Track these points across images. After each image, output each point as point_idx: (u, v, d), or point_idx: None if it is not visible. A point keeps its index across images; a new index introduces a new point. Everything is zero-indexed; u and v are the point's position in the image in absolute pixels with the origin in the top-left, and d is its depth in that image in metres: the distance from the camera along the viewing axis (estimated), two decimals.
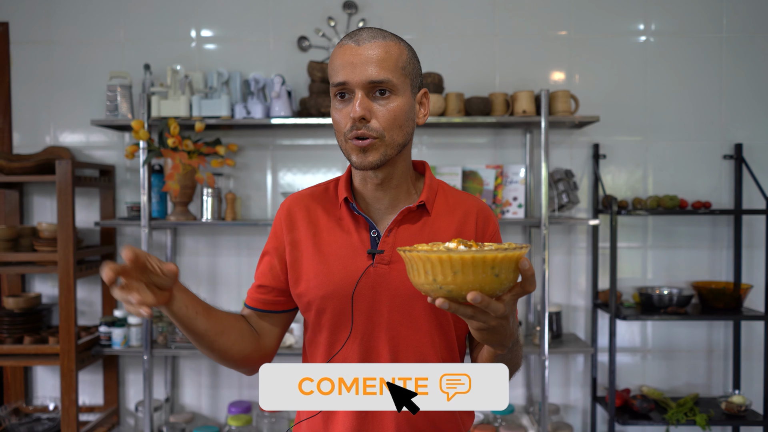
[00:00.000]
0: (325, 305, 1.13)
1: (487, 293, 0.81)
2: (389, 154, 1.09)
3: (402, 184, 1.16)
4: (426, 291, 0.85)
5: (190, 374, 2.85)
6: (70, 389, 2.46)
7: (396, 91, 1.07)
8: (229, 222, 2.59)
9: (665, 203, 2.63)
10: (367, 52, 1.06)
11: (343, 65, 1.06)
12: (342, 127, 1.08)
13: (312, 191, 1.23)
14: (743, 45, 2.77)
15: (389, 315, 1.11)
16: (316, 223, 1.18)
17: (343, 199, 1.16)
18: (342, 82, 1.06)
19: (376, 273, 1.12)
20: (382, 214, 1.17)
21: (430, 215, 1.16)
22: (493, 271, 0.81)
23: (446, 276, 0.81)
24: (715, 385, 2.82)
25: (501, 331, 0.88)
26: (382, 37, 1.08)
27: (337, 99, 1.09)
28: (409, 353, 1.12)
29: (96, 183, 2.66)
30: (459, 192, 1.23)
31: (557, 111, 2.55)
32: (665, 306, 2.59)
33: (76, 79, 2.81)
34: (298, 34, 2.78)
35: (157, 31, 2.80)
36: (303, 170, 2.82)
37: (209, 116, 2.55)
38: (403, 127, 1.09)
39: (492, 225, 1.20)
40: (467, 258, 0.80)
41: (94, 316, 2.86)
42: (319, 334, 1.16)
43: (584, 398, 2.84)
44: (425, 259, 0.82)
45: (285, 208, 1.21)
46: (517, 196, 2.66)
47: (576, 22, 2.79)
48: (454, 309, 0.83)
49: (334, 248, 1.14)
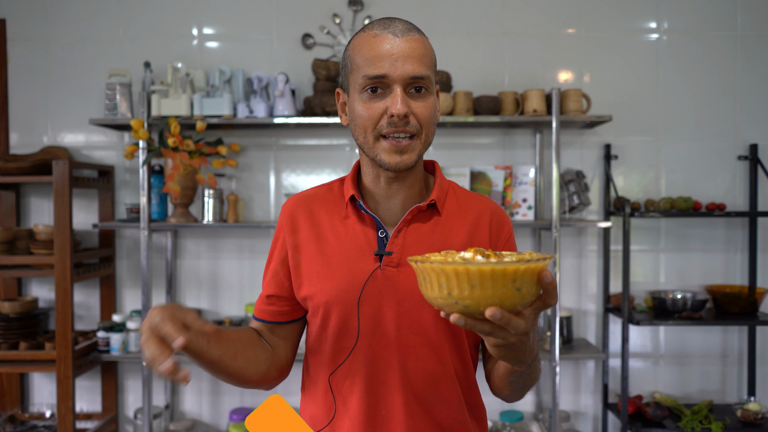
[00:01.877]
0: (330, 310, 1.06)
1: (507, 309, 0.75)
2: (422, 153, 1.05)
3: (416, 184, 1.10)
4: (439, 305, 0.78)
5: (191, 381, 2.77)
6: (66, 396, 2.39)
7: (430, 88, 1.03)
8: (231, 224, 2.52)
9: (679, 205, 2.56)
10: (407, 45, 1.00)
11: (381, 57, 0.99)
12: (371, 123, 1.01)
13: (315, 191, 1.16)
14: (758, 43, 2.71)
15: (398, 322, 1.04)
16: (318, 223, 1.11)
17: (350, 197, 1.09)
18: (381, 75, 0.99)
19: (384, 276, 1.04)
20: (391, 214, 1.10)
21: (441, 215, 1.09)
22: (514, 284, 0.74)
23: (463, 290, 0.74)
24: (729, 392, 2.75)
25: (520, 348, 0.81)
26: (417, 30, 1.03)
27: (366, 93, 1.01)
28: (419, 365, 1.05)
29: (94, 184, 2.59)
30: (470, 193, 1.16)
31: (568, 110, 2.49)
32: (679, 311, 2.52)
33: (75, 78, 2.74)
34: (302, 32, 2.71)
35: (158, 29, 2.74)
36: (307, 171, 2.75)
37: (211, 115, 2.48)
38: (434, 124, 1.05)
39: (506, 228, 1.14)
40: (486, 270, 0.72)
41: (92, 320, 2.78)
42: (323, 342, 1.09)
43: (595, 405, 2.77)
44: (439, 271, 0.75)
45: (286, 210, 1.15)
46: (527, 198, 2.59)
47: (586, 20, 2.73)
48: (471, 325, 0.76)
49: (338, 249, 1.07)
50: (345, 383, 1.06)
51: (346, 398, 1.06)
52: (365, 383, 1.05)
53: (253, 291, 2.75)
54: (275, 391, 2.71)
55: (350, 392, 1.05)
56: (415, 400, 1.05)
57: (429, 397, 1.05)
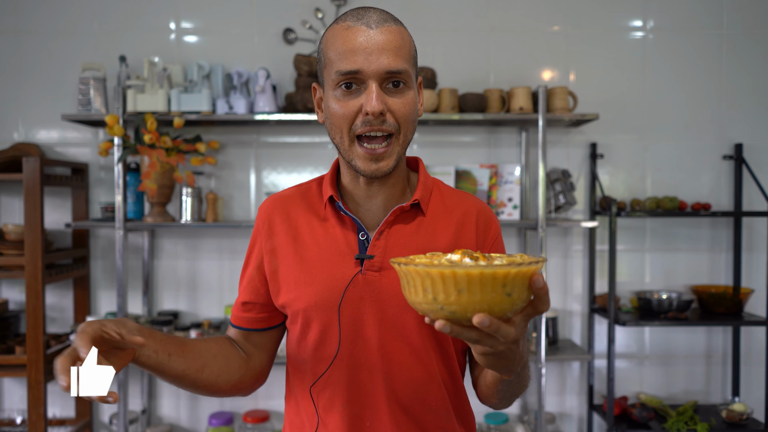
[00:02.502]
0: (309, 320, 1.00)
1: (496, 315, 0.69)
2: (401, 155, 0.98)
3: (398, 183, 1.04)
4: (424, 311, 0.72)
5: (167, 385, 2.69)
6: (37, 403, 2.30)
7: (409, 83, 0.96)
8: (210, 223, 2.45)
9: (665, 204, 2.54)
10: (382, 38, 0.93)
11: (354, 50, 0.92)
12: (345, 122, 0.95)
13: (292, 192, 1.10)
14: (743, 42, 2.70)
15: (381, 329, 0.99)
16: (296, 226, 1.05)
17: (328, 198, 1.03)
18: (354, 70, 0.92)
19: (365, 281, 0.99)
20: (372, 215, 1.04)
21: (426, 215, 1.03)
22: (504, 289, 0.68)
23: (449, 295, 0.69)
24: (713, 392, 2.74)
25: (509, 356, 0.76)
26: (393, 20, 0.96)
27: (340, 89, 0.95)
28: (404, 373, 0.99)
29: (67, 182, 2.50)
30: (456, 191, 1.11)
31: (555, 108, 2.45)
32: (665, 311, 2.50)
33: (47, 72, 2.64)
34: (284, 26, 2.64)
35: (134, 22, 2.65)
36: (288, 169, 2.69)
37: (189, 111, 2.40)
38: (414, 121, 0.98)
39: (494, 228, 1.08)
40: (474, 274, 0.67)
41: (65, 323, 2.69)
42: (302, 350, 1.03)
43: (580, 406, 2.74)
44: (424, 274, 0.69)
45: (262, 212, 1.08)
46: (512, 197, 2.55)
47: (572, 18, 2.69)
48: (457, 333, 0.70)
49: (317, 253, 1.01)
50: (326, 393, 1.01)
51: (329, 410, 1.01)
52: (348, 393, 1.00)
53: (233, 292, 2.68)
54: (255, 396, 2.65)
55: (332, 403, 1.00)
56: (401, 410, 1.00)
57: (415, 407, 1.00)
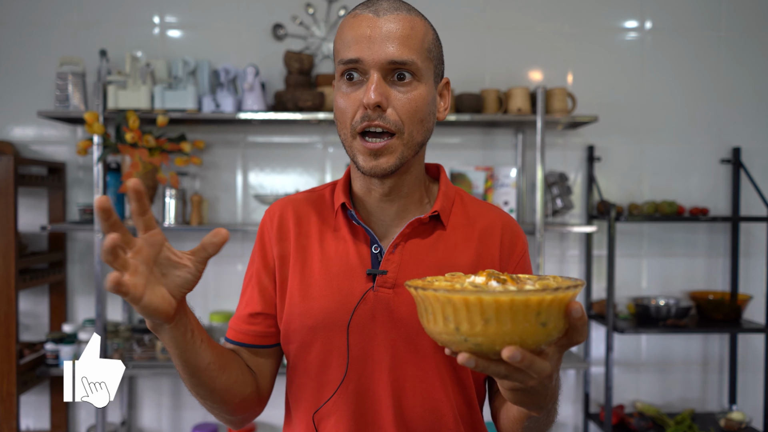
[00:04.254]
0: (312, 339, 0.90)
1: (528, 348, 0.60)
2: (406, 156, 0.88)
3: (414, 192, 0.95)
4: (444, 342, 0.63)
5: (149, 394, 2.58)
6: (9, 416, 2.17)
7: (419, 77, 0.86)
8: (195, 227, 2.34)
9: (663, 209, 2.49)
10: (388, 26, 0.84)
11: (356, 39, 0.84)
12: (348, 116, 0.86)
13: (305, 196, 1.01)
14: (742, 44, 2.66)
15: (392, 352, 0.89)
16: (307, 234, 0.95)
17: (340, 205, 0.94)
18: (353, 59, 0.84)
19: (377, 299, 0.90)
20: (387, 226, 0.95)
21: (446, 229, 0.94)
22: (538, 318, 0.59)
23: (474, 325, 0.59)
24: (710, 400, 2.69)
25: (541, 392, 0.67)
26: (406, 9, 0.87)
27: (344, 81, 0.87)
28: (416, 402, 0.90)
29: (43, 182, 2.38)
30: (480, 202, 1.02)
31: (553, 110, 2.39)
32: (663, 318, 2.45)
33: (22, 66, 2.51)
34: (273, 22, 2.54)
35: (116, 15, 2.53)
36: (277, 170, 2.59)
37: (173, 109, 2.29)
38: (424, 121, 0.89)
39: (520, 245, 0.99)
40: (504, 301, 0.58)
41: (39, 330, 2.56)
42: (304, 373, 0.93)
43: (576, 415, 2.68)
44: (445, 300, 0.60)
45: (275, 214, 0.98)
46: (508, 200, 2.48)
47: (569, 18, 2.63)
48: (483, 367, 0.61)
49: (326, 265, 0.92)
50: (330, 422, 0.91)
51: None
52: (354, 423, 0.90)
53: (218, 298, 2.57)
54: None
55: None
56: None
57: None
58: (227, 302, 2.57)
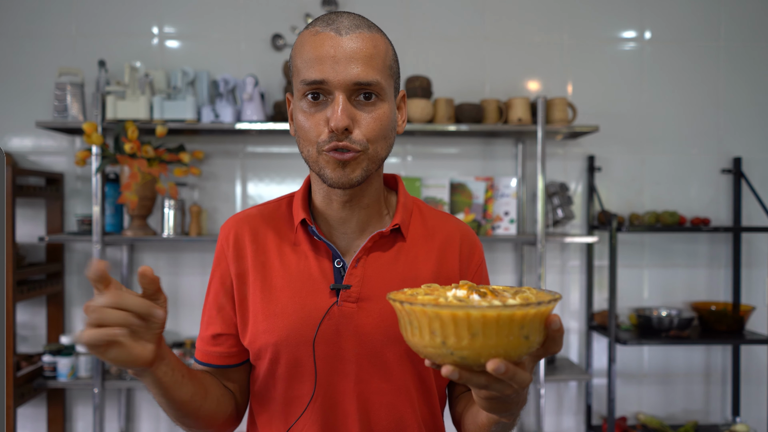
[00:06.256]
0: (279, 354, 0.91)
1: (512, 360, 0.63)
2: (370, 169, 0.88)
3: (373, 204, 0.95)
4: (428, 355, 0.64)
5: (147, 406, 2.56)
6: (6, 429, 2.13)
7: (383, 96, 0.86)
8: (194, 237, 2.33)
9: (665, 219, 2.48)
10: (352, 45, 0.84)
11: (320, 59, 0.83)
12: (313, 136, 0.85)
13: (260, 210, 1.00)
14: (741, 54, 2.66)
15: (358, 366, 0.90)
16: (264, 250, 0.95)
17: (300, 221, 0.94)
18: (318, 80, 0.83)
19: (341, 314, 0.90)
20: (348, 240, 0.95)
21: (406, 241, 0.95)
22: (522, 331, 0.62)
23: (461, 339, 0.61)
24: (713, 411, 2.67)
25: (515, 400, 0.69)
26: (367, 27, 0.87)
27: (306, 100, 0.86)
28: (382, 413, 0.91)
29: (41, 193, 2.36)
30: (437, 212, 1.02)
31: (554, 120, 2.38)
32: (665, 329, 2.43)
33: (21, 76, 2.51)
34: (272, 32, 2.54)
35: (114, 25, 2.53)
36: (276, 180, 2.58)
37: (172, 119, 2.28)
38: (387, 138, 0.89)
39: (477, 254, 1.00)
40: (491, 316, 0.60)
41: (37, 342, 2.54)
42: (270, 390, 0.94)
43: (578, 427, 2.65)
44: (433, 315, 0.61)
45: (229, 231, 0.98)
46: (509, 211, 2.47)
47: (568, 28, 2.63)
48: (466, 379, 0.63)
49: (288, 281, 0.92)
50: None
51: None
52: None
53: None
54: None
55: None
56: None
57: None
58: None
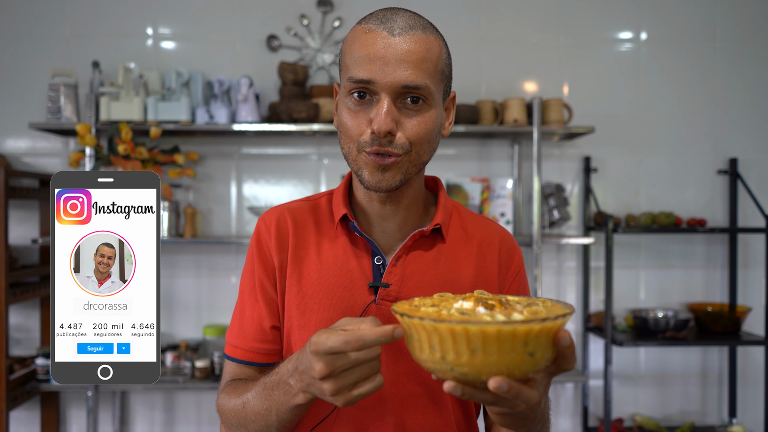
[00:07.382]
0: None
1: (516, 377, 0.59)
2: (411, 172, 0.86)
3: (414, 204, 0.93)
4: (430, 369, 0.63)
5: (141, 410, 2.54)
6: None
7: (430, 100, 0.84)
8: (188, 239, 2.31)
9: (661, 220, 2.47)
10: (403, 47, 0.81)
11: (369, 58, 0.81)
12: (355, 134, 0.83)
13: (300, 205, 0.98)
14: (737, 55, 2.65)
15: (395, 368, 0.87)
16: (305, 244, 0.93)
17: (341, 217, 0.92)
18: (366, 80, 0.81)
19: (380, 313, 0.88)
20: (388, 238, 0.93)
21: (446, 242, 0.93)
22: (525, 348, 0.59)
23: (460, 355, 0.58)
24: (709, 413, 2.66)
25: (529, 416, 0.67)
26: (421, 28, 0.84)
27: (352, 98, 0.84)
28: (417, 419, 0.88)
29: (35, 194, 2.35)
30: (477, 216, 1.01)
31: (550, 121, 2.37)
32: (661, 330, 2.42)
33: (14, 78, 2.49)
34: (267, 33, 2.53)
35: (108, 26, 2.51)
36: (272, 182, 2.56)
37: (166, 121, 2.27)
38: (432, 142, 0.87)
39: (516, 260, 0.99)
40: (491, 332, 0.57)
41: (30, 345, 2.52)
42: None
43: (574, 429, 2.64)
44: (431, 329, 0.59)
45: (270, 220, 0.95)
46: (505, 212, 2.46)
47: (564, 29, 2.63)
48: (470, 395, 0.61)
49: (326, 276, 0.90)
50: None
51: None
52: None
53: (212, 312, 2.54)
54: None
55: None
56: None
57: None
58: (221, 316, 2.54)
